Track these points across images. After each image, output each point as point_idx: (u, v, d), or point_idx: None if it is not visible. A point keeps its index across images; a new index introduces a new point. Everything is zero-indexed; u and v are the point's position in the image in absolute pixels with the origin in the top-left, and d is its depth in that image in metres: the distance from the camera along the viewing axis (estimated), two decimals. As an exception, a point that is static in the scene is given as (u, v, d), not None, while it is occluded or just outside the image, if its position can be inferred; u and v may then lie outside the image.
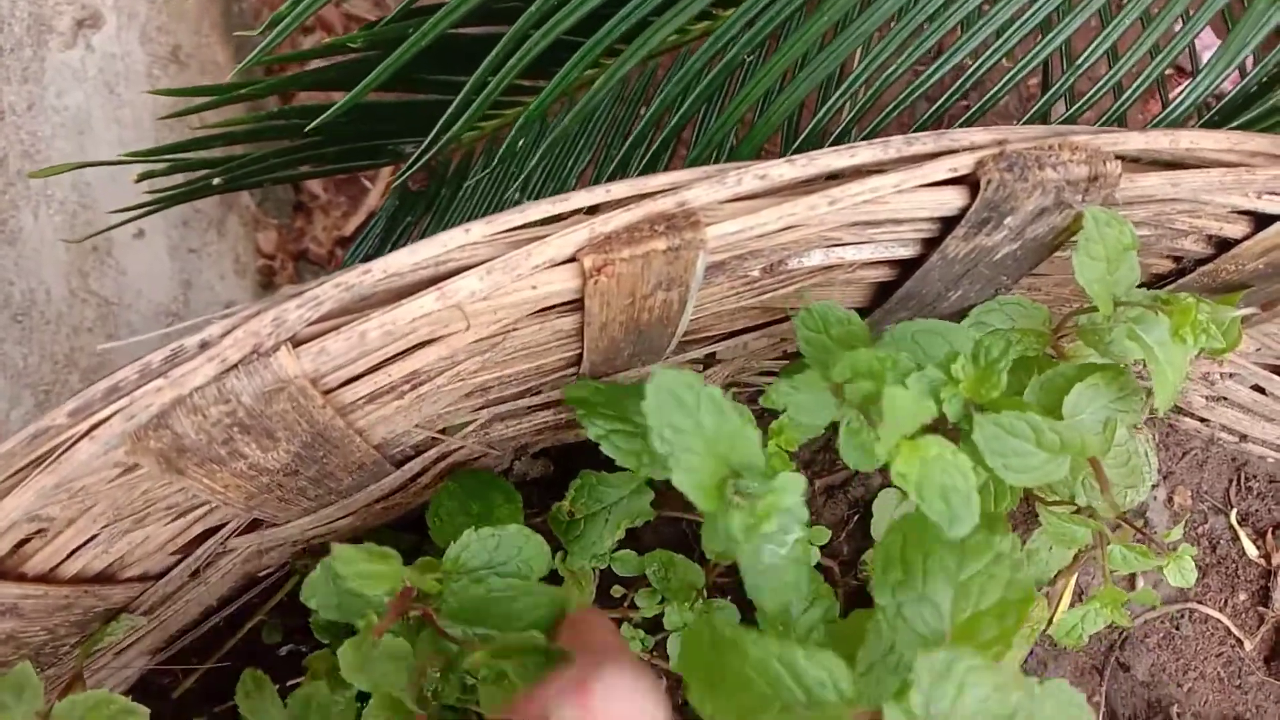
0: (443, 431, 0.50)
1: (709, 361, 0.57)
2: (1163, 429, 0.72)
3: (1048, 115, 0.50)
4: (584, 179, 0.69)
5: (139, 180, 0.60)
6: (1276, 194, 0.44)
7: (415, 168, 0.52)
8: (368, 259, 0.79)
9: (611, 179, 0.59)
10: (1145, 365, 0.45)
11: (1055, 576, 0.58)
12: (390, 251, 0.73)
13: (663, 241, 0.37)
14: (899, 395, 0.37)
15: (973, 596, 0.38)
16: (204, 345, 0.34)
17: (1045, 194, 0.40)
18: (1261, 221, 0.45)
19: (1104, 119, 0.51)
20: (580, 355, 0.46)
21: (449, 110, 0.50)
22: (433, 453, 0.51)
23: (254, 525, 0.49)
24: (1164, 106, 0.49)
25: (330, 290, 0.35)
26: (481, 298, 0.37)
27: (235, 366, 0.34)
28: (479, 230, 0.36)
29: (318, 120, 0.49)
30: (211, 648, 0.60)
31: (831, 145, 0.51)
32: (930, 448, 0.38)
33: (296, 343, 0.35)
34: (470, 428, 0.51)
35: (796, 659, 0.34)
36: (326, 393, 0.39)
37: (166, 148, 0.57)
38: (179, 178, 0.62)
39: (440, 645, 0.40)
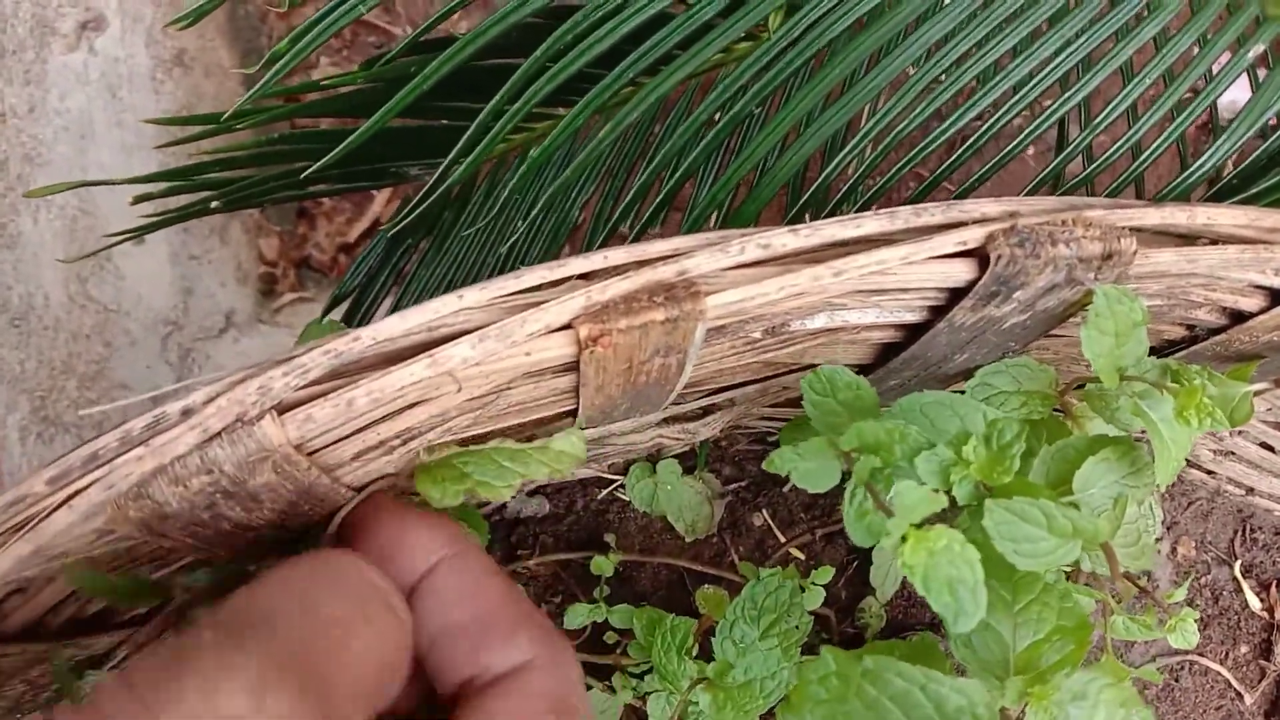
0: (434, 478, 0.49)
1: (708, 410, 0.56)
2: (1168, 479, 0.71)
3: (1061, 175, 0.49)
4: (589, 207, 0.68)
5: (134, 203, 0.59)
6: (1294, 271, 0.42)
7: (411, 214, 0.51)
8: (369, 278, 0.78)
9: (612, 219, 0.58)
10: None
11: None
12: (388, 273, 0.72)
13: (661, 312, 0.36)
14: (909, 490, 0.36)
15: (1031, 625, 0.41)
16: (186, 413, 0.34)
17: (1057, 271, 0.39)
18: (1277, 296, 0.44)
19: (1120, 180, 0.50)
20: (574, 410, 0.45)
21: (456, 146, 0.49)
22: (424, 499, 0.50)
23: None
24: (1183, 169, 0.48)
25: (319, 358, 0.34)
26: (474, 364, 0.36)
27: (218, 435, 0.33)
28: (472, 296, 0.35)
29: (318, 165, 0.48)
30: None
31: (837, 203, 0.50)
32: (938, 539, 0.37)
33: (282, 410, 0.34)
34: (462, 474, 0.50)
35: (942, 686, 0.33)
36: (312, 453, 0.38)
37: (165, 174, 0.56)
38: (178, 198, 0.61)
39: None
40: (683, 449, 0.59)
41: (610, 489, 0.63)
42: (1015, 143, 0.46)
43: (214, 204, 0.62)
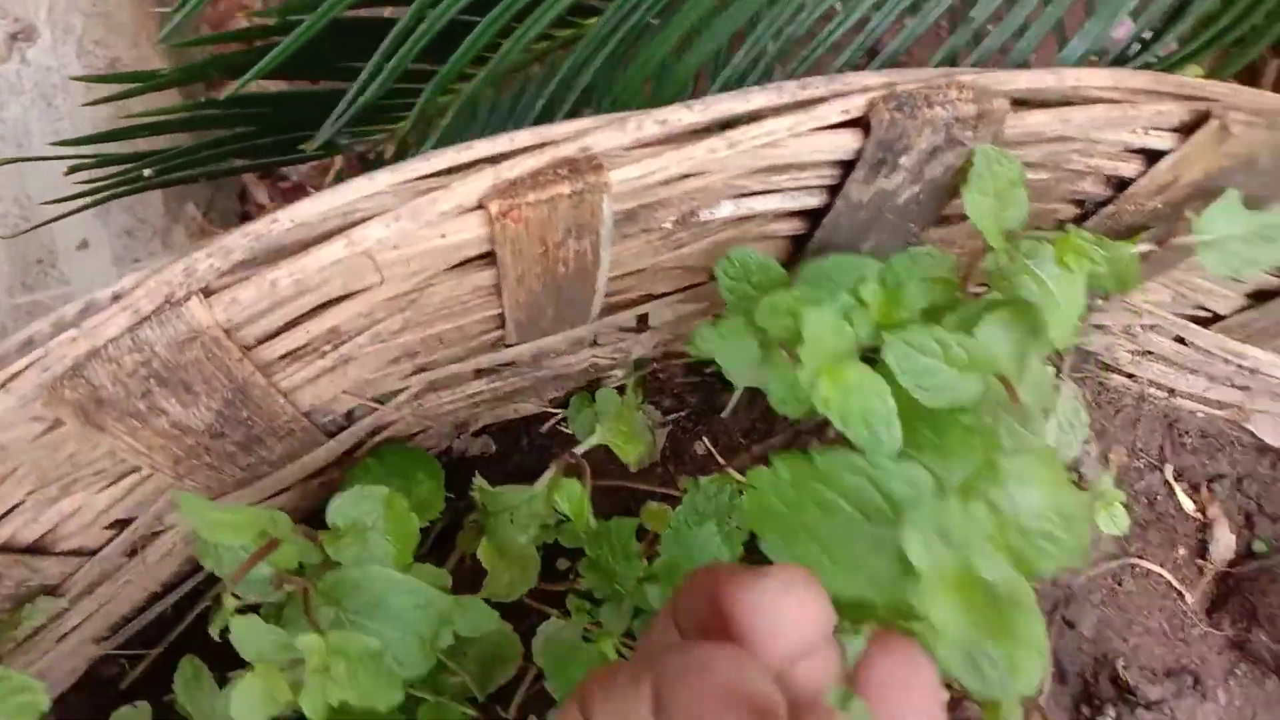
0: (375, 401, 0.51)
1: (640, 327, 0.58)
2: (1094, 387, 0.74)
3: (955, 61, 0.52)
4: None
5: (68, 174, 0.60)
6: (1162, 129, 0.45)
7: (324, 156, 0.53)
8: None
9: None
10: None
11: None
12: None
13: (567, 185, 0.38)
14: (814, 317, 0.38)
15: (958, 464, 0.41)
16: (116, 296, 0.35)
17: (936, 132, 0.41)
18: (1152, 159, 0.47)
19: (1007, 64, 0.53)
20: (503, 315, 0.47)
21: (348, 96, 0.51)
22: (367, 423, 0.52)
23: (190, 501, 0.50)
24: (1060, 48, 0.51)
25: (239, 240, 0.36)
26: (391, 246, 0.38)
27: (148, 317, 0.35)
28: (384, 179, 0.37)
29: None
30: (159, 635, 0.60)
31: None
32: (850, 373, 0.39)
33: (208, 293, 0.36)
34: (402, 396, 0.52)
35: (890, 476, 0.34)
36: (246, 350, 0.40)
37: (94, 136, 0.58)
38: (113, 172, 0.63)
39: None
40: (617, 370, 0.61)
41: (553, 422, 0.64)
42: (900, 39, 0.49)
43: (146, 172, 0.64)
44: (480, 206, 0.38)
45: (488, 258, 0.42)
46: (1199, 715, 0.72)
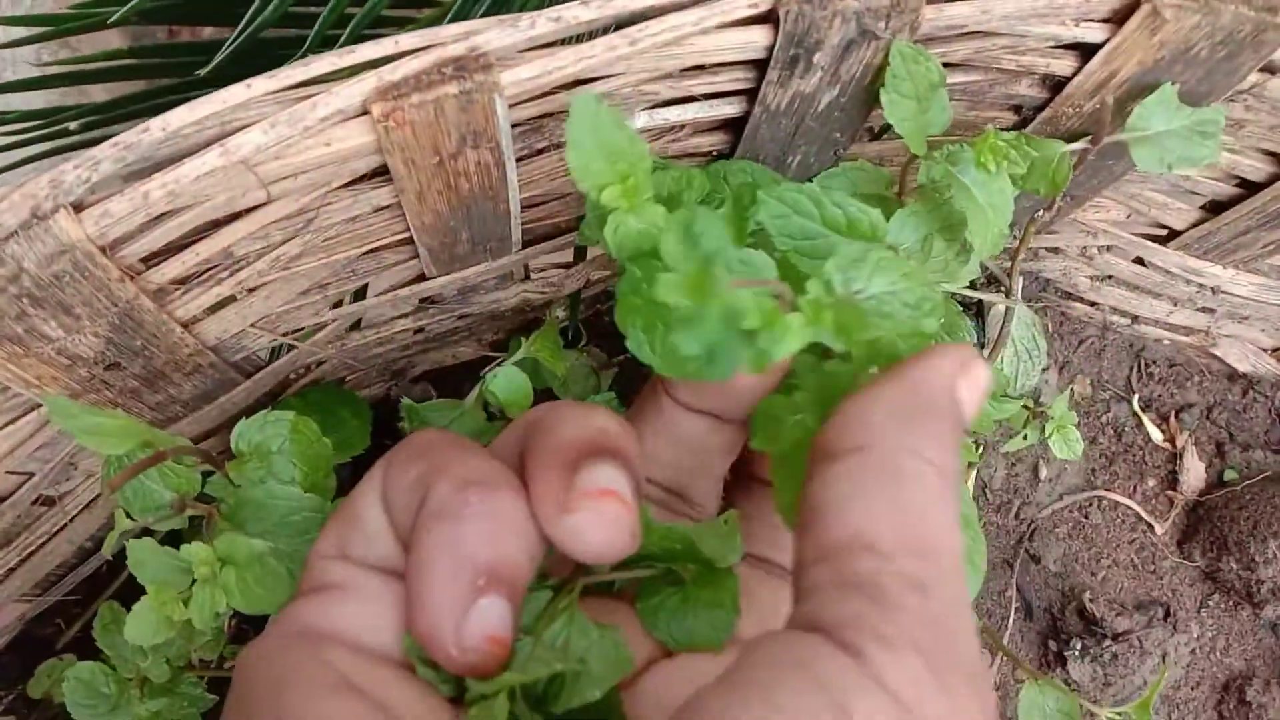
0: (291, 335, 0.49)
1: (574, 262, 0.56)
2: (1055, 317, 0.73)
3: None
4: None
5: (-13, 127, 0.58)
6: (1093, 20, 0.44)
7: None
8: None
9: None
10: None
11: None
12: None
13: (454, 85, 0.36)
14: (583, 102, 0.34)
15: None
16: (-21, 213, 0.34)
17: (846, 23, 0.39)
18: (1087, 55, 0.45)
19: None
20: (409, 237, 0.45)
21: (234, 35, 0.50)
22: (285, 362, 0.50)
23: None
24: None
25: (108, 150, 0.34)
26: (272, 156, 0.36)
27: (15, 232, 0.33)
28: (261, 85, 0.36)
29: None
30: (94, 594, 0.59)
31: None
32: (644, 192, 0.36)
33: (79, 208, 0.34)
34: (322, 334, 0.50)
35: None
36: (132, 271, 0.38)
37: (6, 85, 0.56)
38: (34, 126, 0.61)
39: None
40: (549, 300, 0.60)
41: (492, 367, 0.63)
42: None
43: (72, 126, 0.62)
44: (364, 112, 0.36)
45: (383, 174, 0.40)
46: (1169, 646, 0.70)
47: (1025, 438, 0.56)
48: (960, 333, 0.50)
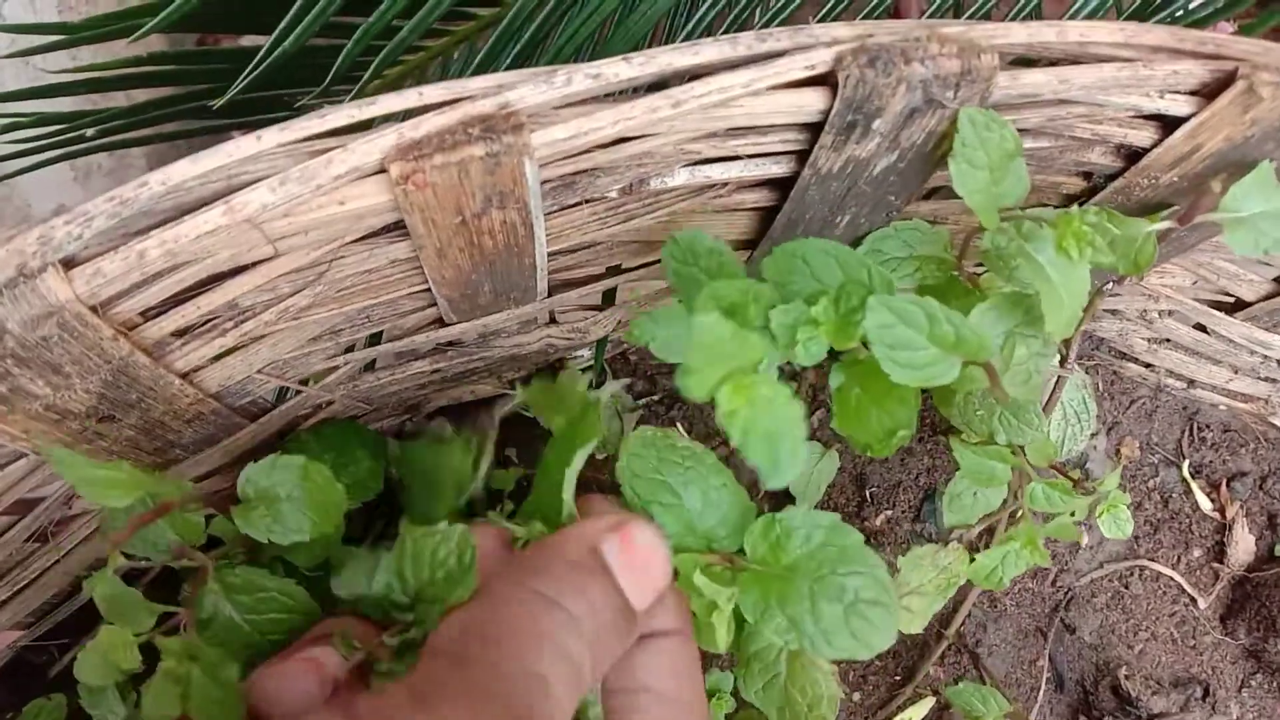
0: (302, 382, 0.47)
1: (602, 306, 0.53)
2: (1107, 376, 0.69)
3: (960, 7, 0.46)
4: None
5: (2, 132, 0.56)
6: (1179, 92, 0.40)
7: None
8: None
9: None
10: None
11: (977, 524, 0.54)
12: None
13: (480, 147, 0.33)
14: (709, 325, 0.33)
15: None
16: (-38, 268, 0.31)
17: (912, 91, 0.36)
18: (1169, 126, 0.42)
19: (1015, 13, 0.47)
20: (428, 288, 0.42)
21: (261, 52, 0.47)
22: (293, 405, 0.48)
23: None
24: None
25: (103, 205, 0.32)
26: (280, 214, 0.33)
27: (-2, 291, 0.31)
28: (272, 138, 0.33)
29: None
30: (89, 623, 0.57)
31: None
32: (759, 387, 0.34)
33: (70, 265, 0.32)
34: (332, 378, 0.47)
35: None
36: (129, 328, 0.36)
37: (17, 93, 0.53)
38: (51, 131, 0.59)
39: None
40: (574, 348, 0.57)
41: (512, 405, 0.60)
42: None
43: (89, 132, 0.60)
44: (382, 170, 0.33)
45: (400, 228, 0.37)
46: (1208, 729, 0.66)
47: (1073, 514, 0.53)
48: (1029, 415, 0.47)
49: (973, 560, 0.52)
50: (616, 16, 0.44)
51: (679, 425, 0.62)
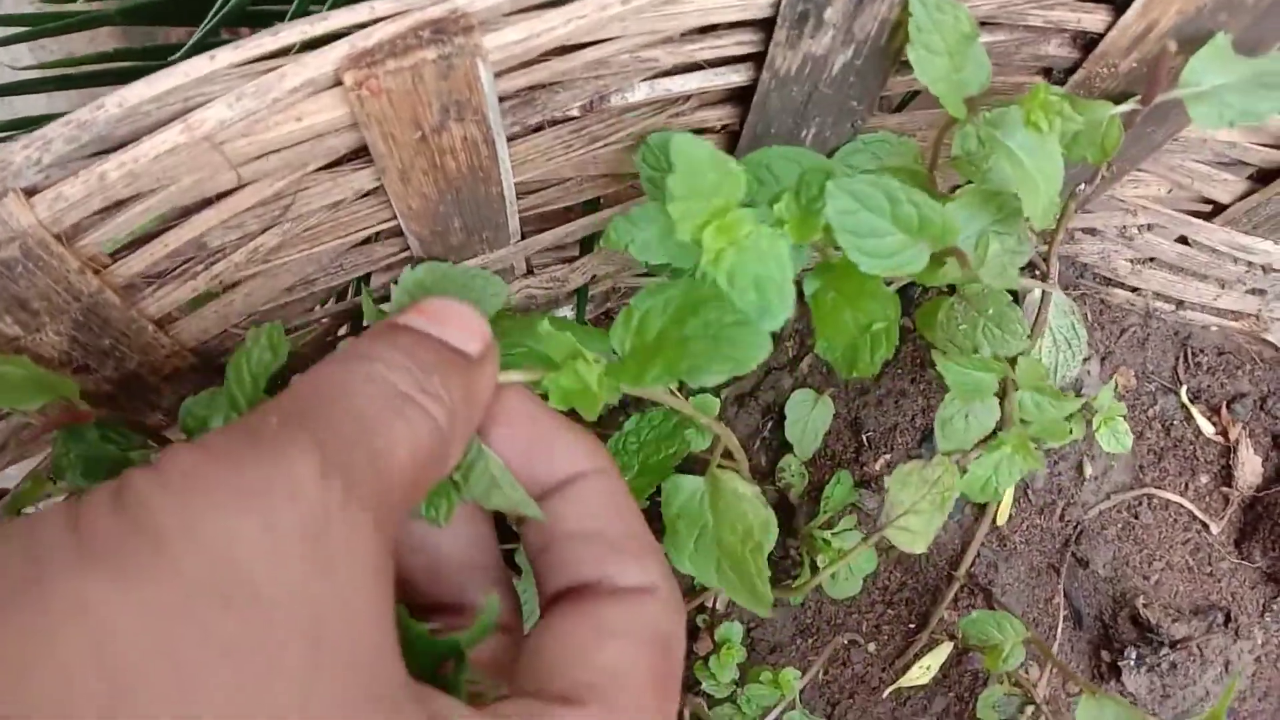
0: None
1: (580, 255, 0.53)
2: (1095, 306, 0.68)
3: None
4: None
5: (-28, 136, 0.56)
6: (1127, -34, 0.40)
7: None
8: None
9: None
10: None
11: (972, 449, 0.53)
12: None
13: (432, 50, 0.33)
14: (687, 144, 0.32)
15: None
16: (-78, 199, 0.31)
17: (858, -28, 0.36)
18: (1121, 7, 0.42)
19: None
20: (398, 226, 0.42)
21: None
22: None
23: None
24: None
25: (60, 129, 0.32)
26: (240, 133, 0.33)
27: (-41, 220, 0.31)
28: (226, 56, 0.33)
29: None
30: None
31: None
32: (743, 225, 0.34)
33: (32, 193, 0.32)
34: (311, 335, 0.47)
35: None
36: (94, 263, 0.35)
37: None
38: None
39: None
40: (564, 309, 0.56)
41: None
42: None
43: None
44: (338, 82, 0.33)
45: (364, 155, 0.37)
46: (1232, 654, 0.65)
47: (1070, 432, 0.52)
48: (1012, 324, 0.47)
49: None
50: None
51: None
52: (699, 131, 0.45)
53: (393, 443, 0.27)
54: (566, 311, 0.59)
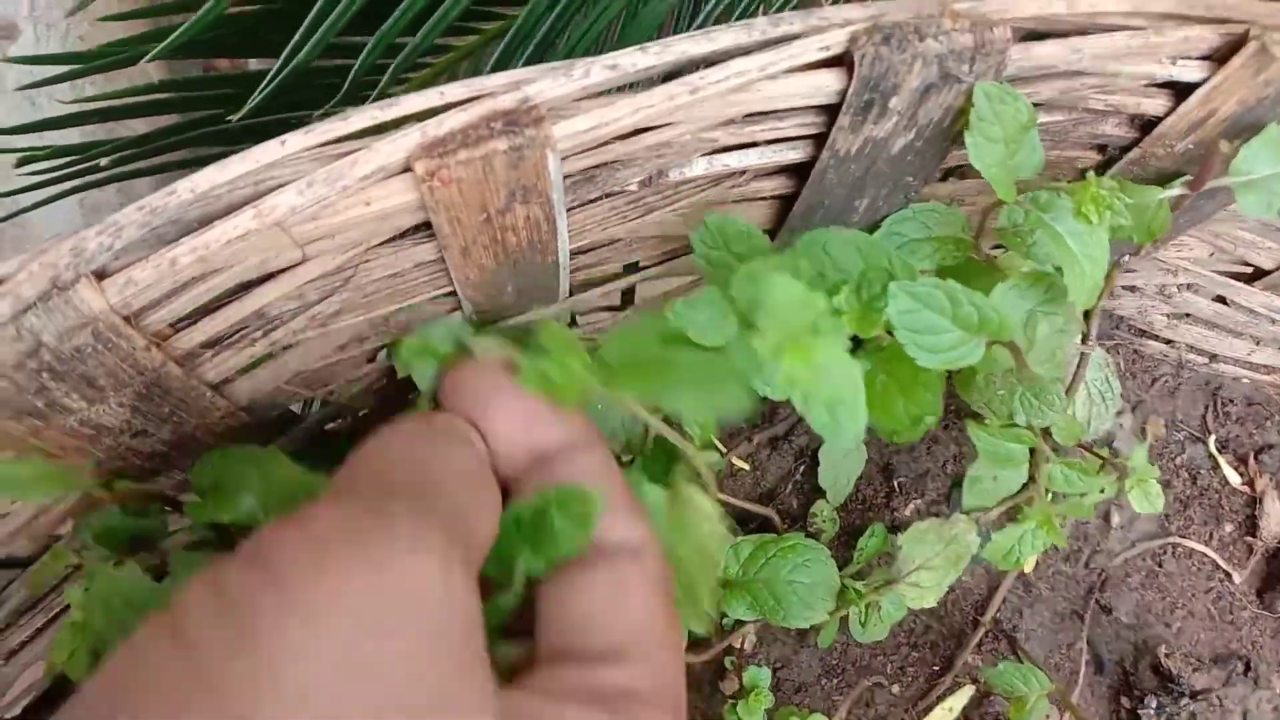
0: (327, 392, 0.47)
1: (621, 305, 0.53)
2: (1128, 355, 0.69)
3: None
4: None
5: (17, 166, 0.57)
6: (1191, 58, 0.40)
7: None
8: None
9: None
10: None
11: (995, 506, 0.53)
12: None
13: (503, 141, 0.33)
14: (779, 283, 0.33)
15: None
16: (-2, 283, 0.31)
17: (927, 66, 0.36)
18: (1182, 94, 0.42)
19: None
20: (452, 290, 0.42)
21: (271, 72, 0.47)
22: (320, 416, 0.48)
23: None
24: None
25: (133, 214, 0.32)
26: (309, 217, 0.33)
27: (33, 304, 0.31)
28: (297, 142, 0.33)
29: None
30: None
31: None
32: (819, 351, 0.35)
33: (102, 276, 0.32)
34: (358, 387, 0.48)
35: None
36: (158, 338, 0.36)
37: (29, 125, 0.54)
38: (66, 163, 0.59)
39: None
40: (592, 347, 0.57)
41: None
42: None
43: (103, 162, 0.60)
44: (407, 169, 0.34)
45: (426, 229, 0.37)
46: (1250, 703, 0.66)
47: (1102, 490, 0.53)
48: (1050, 395, 0.47)
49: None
50: (623, 16, 0.44)
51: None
52: (751, 200, 0.45)
53: (480, 524, 0.32)
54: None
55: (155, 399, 0.37)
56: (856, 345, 0.42)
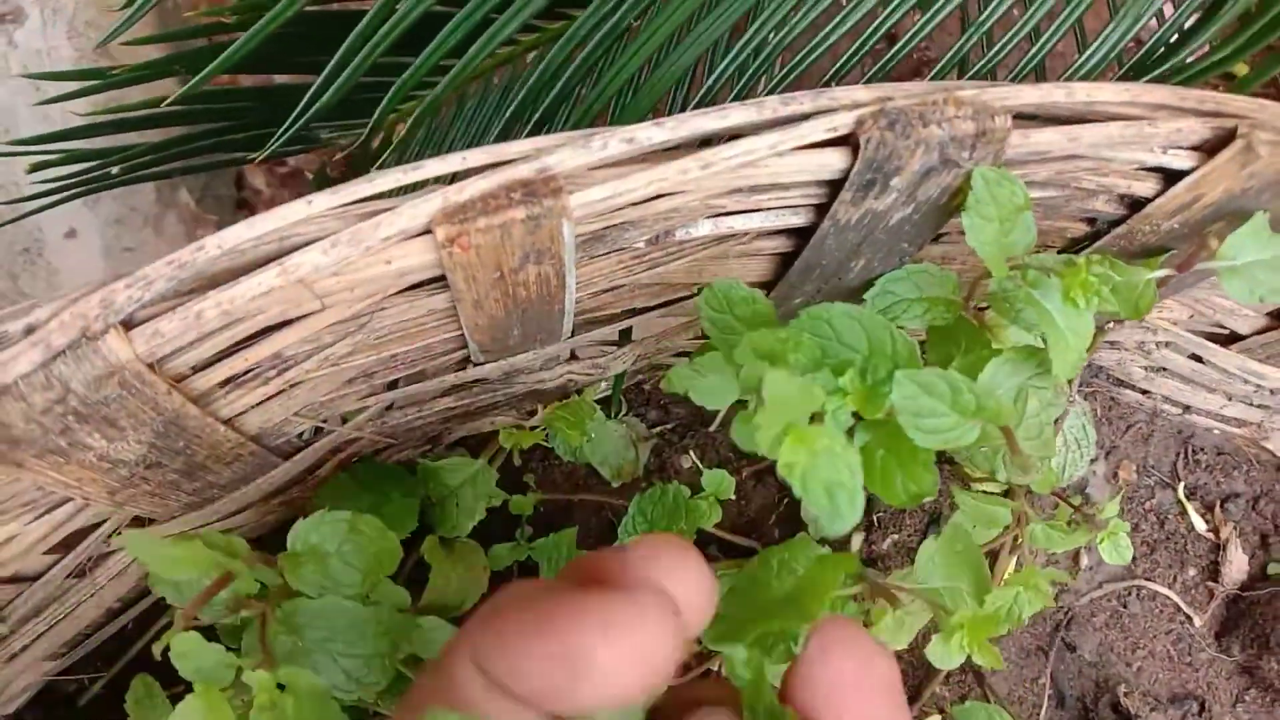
0: (332, 420, 0.48)
1: (621, 341, 0.55)
2: (1105, 402, 0.71)
3: (965, 63, 0.48)
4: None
5: (29, 172, 0.57)
6: (1181, 148, 0.42)
7: (285, 152, 0.50)
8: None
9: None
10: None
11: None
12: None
13: (522, 210, 0.35)
14: (779, 380, 0.35)
15: None
16: (29, 329, 0.32)
17: (929, 152, 0.38)
18: (1171, 179, 0.43)
19: (1020, 68, 0.49)
20: (462, 336, 0.44)
21: (307, 96, 0.48)
22: (325, 443, 0.49)
23: (139, 522, 0.48)
24: (1080, 50, 0.47)
25: (162, 269, 0.33)
26: (330, 274, 0.35)
27: (62, 352, 0.32)
28: (323, 202, 0.34)
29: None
30: (119, 652, 0.58)
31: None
32: (819, 439, 0.36)
33: (129, 326, 0.33)
34: (362, 416, 0.49)
35: None
36: (178, 380, 0.37)
37: (49, 135, 0.55)
38: (78, 170, 0.60)
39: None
40: (594, 383, 0.58)
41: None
42: (904, 41, 0.46)
43: (114, 170, 0.61)
44: (428, 231, 0.35)
45: (441, 281, 0.39)
46: (1204, 744, 0.68)
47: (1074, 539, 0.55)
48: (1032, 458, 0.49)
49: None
50: (638, 78, 0.46)
51: (692, 453, 0.64)
52: (752, 256, 0.47)
53: None
54: (601, 383, 0.61)
55: (171, 435, 0.39)
56: (857, 417, 0.44)
